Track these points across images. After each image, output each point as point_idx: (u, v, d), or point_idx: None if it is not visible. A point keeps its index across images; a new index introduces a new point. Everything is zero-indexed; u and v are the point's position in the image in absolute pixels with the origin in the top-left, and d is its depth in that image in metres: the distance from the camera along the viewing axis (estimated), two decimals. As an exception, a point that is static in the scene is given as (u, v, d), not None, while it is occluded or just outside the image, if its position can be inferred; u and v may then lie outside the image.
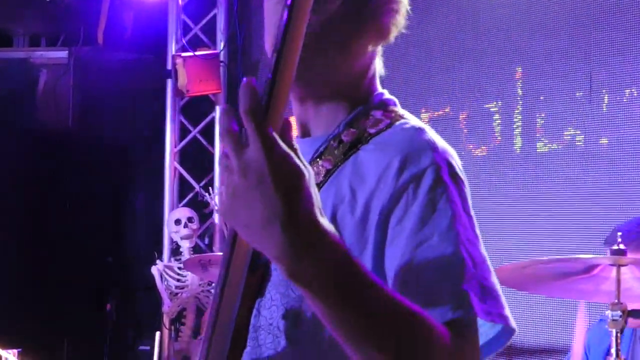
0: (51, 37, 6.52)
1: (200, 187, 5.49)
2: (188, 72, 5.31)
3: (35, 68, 6.34)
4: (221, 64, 5.46)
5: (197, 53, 5.38)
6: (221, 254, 4.88)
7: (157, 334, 4.66)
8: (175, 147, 5.56)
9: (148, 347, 5.63)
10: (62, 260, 6.10)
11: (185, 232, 5.26)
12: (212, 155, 5.57)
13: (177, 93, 5.41)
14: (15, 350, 4.36)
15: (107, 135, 6.18)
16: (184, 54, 5.39)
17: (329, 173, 1.34)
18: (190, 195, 5.59)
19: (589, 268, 2.90)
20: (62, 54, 6.26)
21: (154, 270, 5.21)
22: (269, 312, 1.34)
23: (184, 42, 5.49)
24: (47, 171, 6.11)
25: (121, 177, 6.36)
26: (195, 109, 5.70)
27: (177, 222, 5.29)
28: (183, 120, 5.65)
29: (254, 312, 1.32)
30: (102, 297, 6.06)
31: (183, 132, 5.66)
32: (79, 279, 6.13)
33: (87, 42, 6.08)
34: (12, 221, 5.87)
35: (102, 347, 5.88)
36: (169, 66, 5.44)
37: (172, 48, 5.51)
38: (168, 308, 5.15)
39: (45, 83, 6.39)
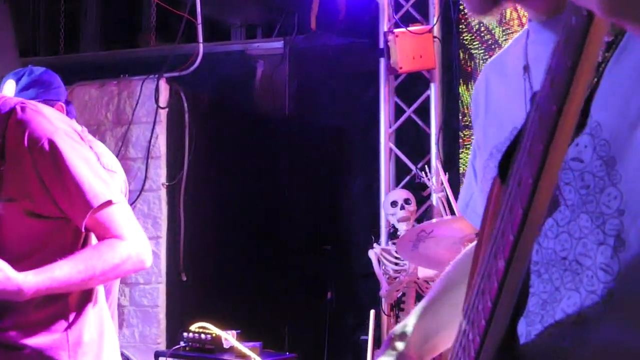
0: (267, 28, 6.61)
1: (417, 168, 5.31)
2: (400, 48, 5.15)
3: (252, 59, 6.43)
4: (435, 39, 5.26)
5: (409, 29, 5.20)
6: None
7: (372, 312, 4.50)
8: (390, 127, 5.41)
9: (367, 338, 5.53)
10: (282, 248, 6.13)
11: (402, 214, 5.08)
12: (428, 136, 5.37)
13: (391, 71, 5.26)
14: (234, 332, 4.35)
15: (323, 121, 6.17)
16: (396, 31, 5.23)
17: None
18: (407, 178, 5.42)
19: None
20: (278, 44, 6.31)
21: (371, 254, 5.07)
22: (558, 242, 1.13)
23: (395, 19, 5.33)
24: (265, 159, 6.17)
25: (338, 162, 6.32)
26: (409, 89, 5.54)
27: (394, 204, 5.13)
28: (397, 101, 5.49)
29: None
30: (322, 285, 6.04)
31: (398, 112, 5.50)
32: (299, 267, 6.14)
33: (302, 30, 6.09)
34: (233, 209, 5.95)
35: (322, 336, 5.85)
36: (381, 44, 5.30)
37: (384, 26, 5.37)
38: (386, 292, 5.00)
39: (262, 73, 6.47)
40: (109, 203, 2.08)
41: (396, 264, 5.05)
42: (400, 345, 1.40)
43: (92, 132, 5.44)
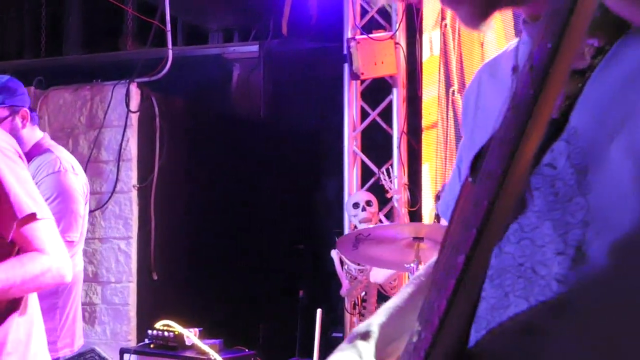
0: (244, 32, 6.75)
1: (380, 171, 5.44)
2: (362, 55, 5.28)
3: (229, 63, 6.58)
4: (397, 45, 5.38)
5: (371, 36, 5.34)
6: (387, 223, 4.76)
7: (319, 311, 4.64)
8: (354, 131, 5.54)
9: (341, 334, 5.66)
10: (254, 247, 6.27)
11: (363, 215, 5.22)
12: (391, 138, 5.51)
13: (353, 77, 5.39)
14: (197, 329, 4.52)
15: (297, 123, 6.30)
16: (358, 37, 5.37)
17: None
18: (372, 180, 5.55)
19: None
20: (253, 48, 6.46)
21: (334, 254, 5.21)
22: (518, 247, 1.08)
23: (358, 26, 5.46)
24: (240, 161, 6.31)
25: (312, 164, 6.46)
26: (376, 93, 5.66)
27: (356, 205, 5.27)
28: (363, 104, 5.62)
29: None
30: (294, 284, 6.18)
31: (365, 116, 5.63)
32: (272, 266, 6.29)
33: (277, 34, 6.23)
34: (205, 210, 6.10)
35: (294, 333, 5.99)
36: (345, 50, 5.43)
37: (348, 32, 5.51)
38: (346, 291, 5.13)
39: (239, 76, 6.61)
40: (33, 216, 2.24)
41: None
42: (362, 344, 1.35)
43: (66, 136, 5.62)
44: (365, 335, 1.36)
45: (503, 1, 1.10)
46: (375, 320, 1.38)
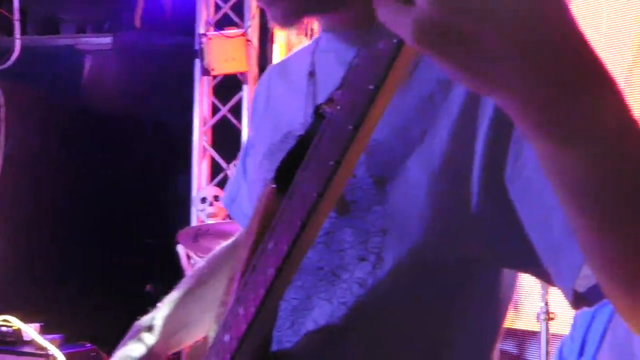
0: (97, 24, 6.67)
1: (229, 166, 5.49)
2: (213, 51, 5.32)
3: (80, 54, 6.49)
4: (248, 42, 5.44)
5: (222, 32, 5.38)
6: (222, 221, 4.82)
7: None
8: (204, 126, 5.58)
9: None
10: (103, 242, 6.22)
11: (210, 210, 5.27)
12: (241, 134, 5.57)
13: (204, 72, 5.42)
14: (38, 325, 4.47)
15: (147, 117, 6.27)
16: (209, 33, 5.40)
17: None
18: (221, 175, 5.59)
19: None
20: (107, 40, 6.40)
21: (180, 249, 5.23)
22: (315, 252, 1.11)
23: (210, 22, 5.50)
24: (91, 154, 6.24)
25: (164, 158, 6.44)
26: (227, 89, 5.71)
27: (203, 200, 5.31)
28: (214, 100, 5.66)
29: None
30: (143, 278, 6.15)
31: (215, 112, 5.67)
32: (122, 261, 6.24)
33: (131, 27, 6.19)
34: (52, 203, 6.01)
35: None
36: (197, 46, 5.46)
37: (201, 28, 5.53)
38: (191, 285, 5.16)
39: (91, 68, 6.54)
40: None
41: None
42: (146, 336, 1.39)
43: None
44: (149, 328, 1.40)
45: (314, 6, 1.15)
46: (159, 314, 1.43)
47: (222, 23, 5.56)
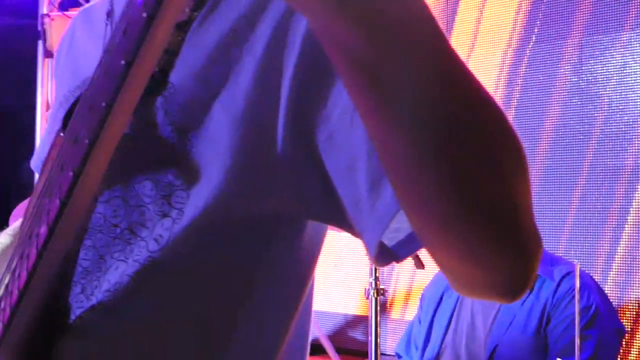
0: None
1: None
2: (56, 32, 5.17)
3: None
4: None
5: (66, 12, 5.23)
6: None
7: None
8: (47, 111, 5.42)
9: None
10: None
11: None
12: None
13: (47, 54, 5.27)
14: None
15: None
16: (52, 14, 5.24)
17: None
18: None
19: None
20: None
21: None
22: (109, 207, 0.99)
23: (53, 2, 5.34)
24: None
25: (7, 145, 6.22)
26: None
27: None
28: (58, 83, 5.50)
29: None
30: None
31: (60, 96, 5.51)
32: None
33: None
34: None
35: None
36: (39, 27, 5.29)
37: (44, 8, 5.36)
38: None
39: None
40: None
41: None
42: None
43: None
44: None
45: None
46: None
47: (66, 4, 5.40)
